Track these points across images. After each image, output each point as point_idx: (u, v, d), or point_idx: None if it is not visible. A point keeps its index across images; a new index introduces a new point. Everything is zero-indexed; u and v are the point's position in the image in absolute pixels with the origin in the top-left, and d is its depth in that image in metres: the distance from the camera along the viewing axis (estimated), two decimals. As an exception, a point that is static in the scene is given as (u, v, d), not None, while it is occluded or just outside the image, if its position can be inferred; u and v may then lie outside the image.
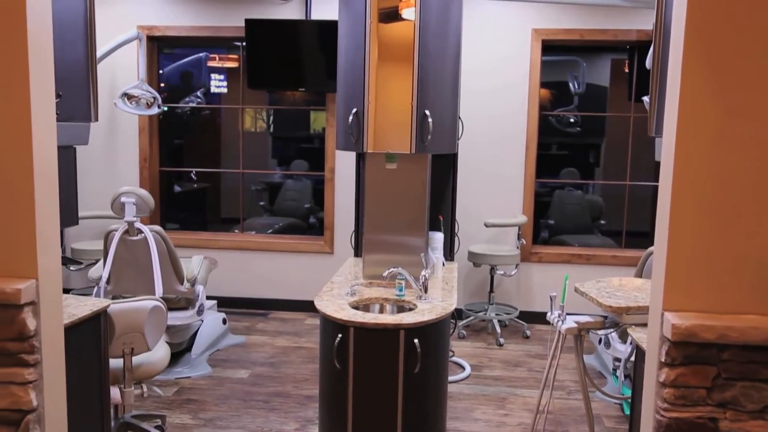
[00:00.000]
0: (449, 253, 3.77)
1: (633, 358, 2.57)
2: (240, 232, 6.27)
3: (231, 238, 6.00)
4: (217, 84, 6.50)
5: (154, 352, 3.14)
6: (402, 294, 2.99)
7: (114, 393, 2.95)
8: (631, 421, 2.54)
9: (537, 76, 5.50)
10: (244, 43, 5.75)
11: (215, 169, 6.89)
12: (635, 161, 5.74)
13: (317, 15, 5.56)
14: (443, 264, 3.55)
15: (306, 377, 4.38)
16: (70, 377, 2.22)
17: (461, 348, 5.02)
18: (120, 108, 5.30)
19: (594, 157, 6.57)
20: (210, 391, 4.11)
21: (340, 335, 2.66)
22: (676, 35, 1.87)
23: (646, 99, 3.81)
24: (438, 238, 3.50)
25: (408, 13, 3.04)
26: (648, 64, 3.15)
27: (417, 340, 2.63)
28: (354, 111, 3.09)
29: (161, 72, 6.19)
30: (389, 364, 2.64)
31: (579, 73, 6.08)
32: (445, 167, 3.78)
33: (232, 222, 6.57)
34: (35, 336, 1.98)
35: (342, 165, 5.74)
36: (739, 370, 1.81)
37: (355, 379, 2.67)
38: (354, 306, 2.88)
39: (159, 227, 4.12)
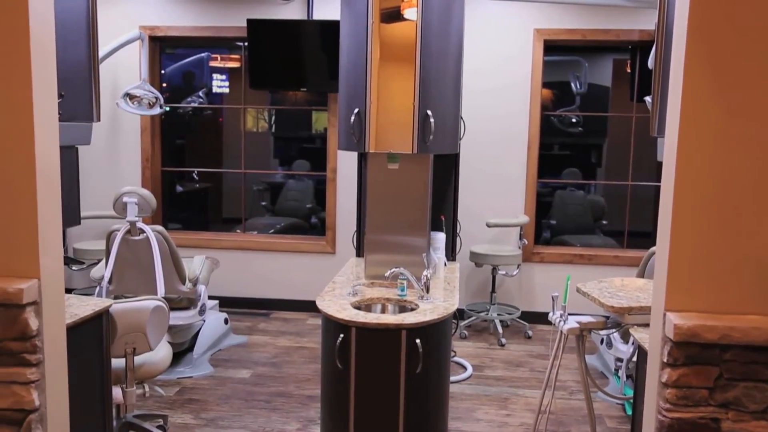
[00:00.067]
0: (451, 253, 3.77)
1: (635, 358, 2.57)
2: (242, 232, 6.28)
3: (233, 238, 6.00)
4: (219, 84, 6.50)
5: (156, 351, 3.14)
6: (404, 294, 2.99)
7: (116, 393, 2.96)
8: (633, 422, 2.54)
9: (539, 76, 5.49)
10: (245, 43, 5.76)
11: (217, 169, 6.90)
12: (637, 161, 5.74)
13: (319, 15, 5.56)
14: (445, 264, 3.54)
15: (308, 377, 4.38)
16: (72, 377, 2.22)
17: (463, 348, 5.02)
18: (122, 108, 5.30)
19: (596, 158, 6.57)
20: (212, 391, 4.11)
21: (341, 335, 2.66)
22: (678, 35, 1.87)
23: (648, 99, 3.81)
24: (440, 238, 3.50)
25: (410, 13, 3.04)
26: (650, 64, 3.14)
27: (419, 340, 2.63)
28: (356, 111, 3.09)
29: (163, 72, 6.19)
30: (391, 364, 2.64)
31: (581, 73, 6.08)
32: (447, 167, 3.78)
33: (233, 222, 6.57)
34: (37, 336, 1.98)
35: (344, 165, 5.75)
36: (742, 370, 1.81)
37: (357, 379, 2.66)
38: (356, 306, 2.88)
39: (161, 227, 4.13)
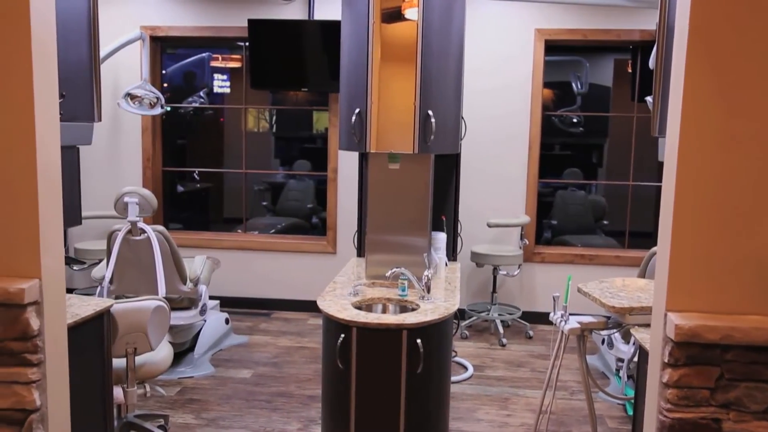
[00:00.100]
0: (452, 254, 3.77)
1: (636, 358, 2.57)
2: (243, 232, 6.28)
3: (234, 238, 6.00)
4: (220, 84, 6.51)
5: (157, 351, 3.14)
6: (405, 294, 2.99)
7: (117, 393, 2.96)
8: (634, 422, 2.54)
9: (540, 76, 5.49)
10: (247, 44, 5.77)
11: (218, 169, 6.90)
12: (638, 161, 5.74)
13: (320, 15, 5.56)
14: (446, 264, 3.54)
15: (309, 377, 4.38)
16: (73, 377, 2.22)
17: (464, 348, 5.01)
18: (123, 108, 5.30)
19: (597, 158, 6.57)
20: (213, 391, 4.11)
21: (342, 335, 2.66)
22: (679, 35, 1.87)
23: (649, 99, 3.81)
24: (441, 238, 3.50)
25: (411, 13, 3.03)
26: (651, 64, 3.14)
27: (420, 340, 2.63)
28: (357, 111, 3.09)
29: (164, 72, 6.19)
30: (392, 364, 2.64)
31: (582, 73, 6.08)
32: (448, 167, 3.78)
33: (234, 222, 6.57)
34: (38, 336, 1.98)
35: (345, 165, 5.75)
36: (743, 370, 1.81)
37: (358, 379, 2.66)
38: (357, 306, 2.88)
39: (162, 227, 4.13)
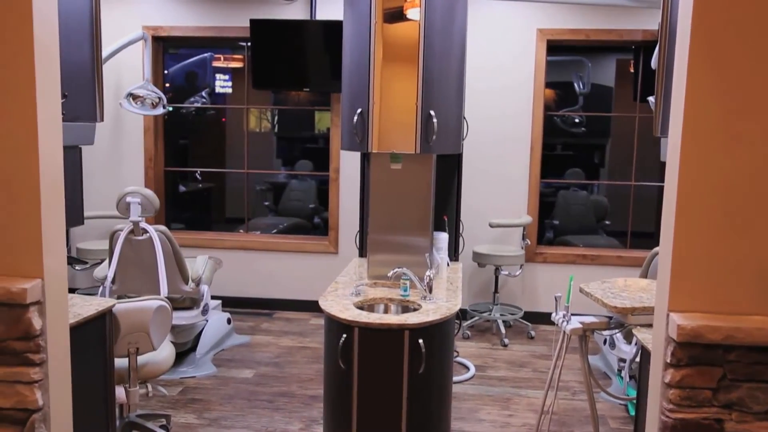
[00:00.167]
0: (454, 254, 3.77)
1: (638, 358, 2.57)
2: (245, 232, 6.28)
3: (236, 238, 6.01)
4: (222, 84, 6.51)
5: (159, 351, 3.14)
6: (407, 294, 2.99)
7: (119, 392, 2.96)
8: (636, 422, 2.54)
9: (542, 76, 5.49)
10: (248, 44, 5.77)
11: (220, 169, 6.90)
12: (640, 161, 5.73)
13: (322, 15, 5.56)
14: (448, 264, 3.54)
15: (310, 377, 4.38)
16: (75, 377, 2.22)
17: (466, 348, 5.01)
18: (125, 108, 5.31)
19: (599, 158, 6.56)
20: (215, 391, 4.12)
21: (344, 335, 2.66)
22: (681, 35, 1.86)
23: (651, 99, 3.80)
24: (443, 238, 3.50)
25: (413, 14, 3.03)
26: (653, 64, 3.14)
27: (421, 340, 2.63)
28: (359, 111, 3.09)
29: (166, 72, 6.20)
30: (394, 364, 2.64)
31: (584, 74, 6.07)
32: (450, 167, 3.78)
33: (236, 222, 6.58)
34: (41, 335, 1.98)
35: (347, 165, 5.75)
36: (745, 371, 1.80)
37: (360, 379, 2.66)
38: (359, 306, 2.88)
39: (164, 227, 4.13)
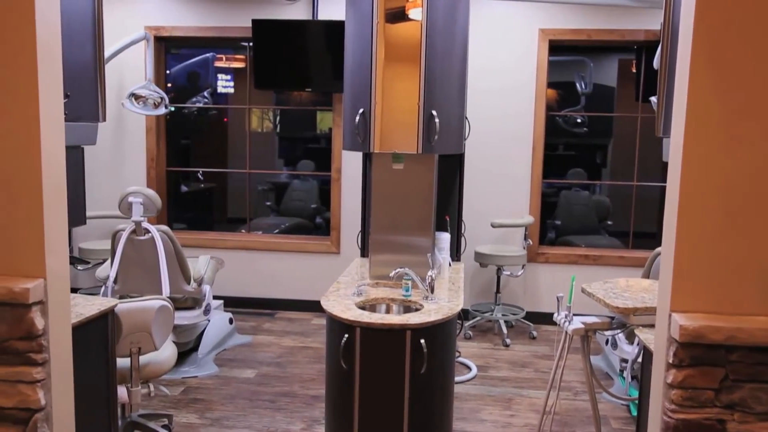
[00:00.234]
0: (456, 254, 3.77)
1: (640, 359, 2.56)
2: (247, 232, 6.28)
3: (238, 238, 6.01)
4: (224, 84, 6.51)
5: (161, 351, 3.15)
6: (408, 294, 2.99)
7: (121, 392, 2.97)
8: (639, 423, 2.53)
9: (544, 76, 5.49)
10: (250, 44, 5.77)
11: (222, 169, 6.91)
12: (642, 162, 5.73)
13: (324, 15, 5.56)
14: (450, 264, 3.54)
15: (312, 377, 4.38)
16: (77, 376, 2.23)
17: (468, 348, 5.01)
18: (127, 108, 5.31)
19: (601, 158, 6.56)
20: (216, 391, 4.12)
21: (346, 335, 2.66)
22: (684, 35, 1.86)
23: (653, 99, 3.80)
24: (445, 238, 3.50)
25: (415, 14, 3.03)
26: (656, 64, 3.13)
27: (423, 340, 2.63)
28: (361, 111, 3.09)
29: (168, 72, 6.21)
30: (396, 364, 2.64)
31: (586, 74, 6.07)
32: (452, 167, 3.78)
33: (238, 222, 6.58)
34: (43, 335, 1.99)
35: (348, 165, 5.75)
36: (748, 371, 1.80)
37: (362, 380, 2.67)
38: (360, 306, 2.88)
39: (166, 227, 4.14)
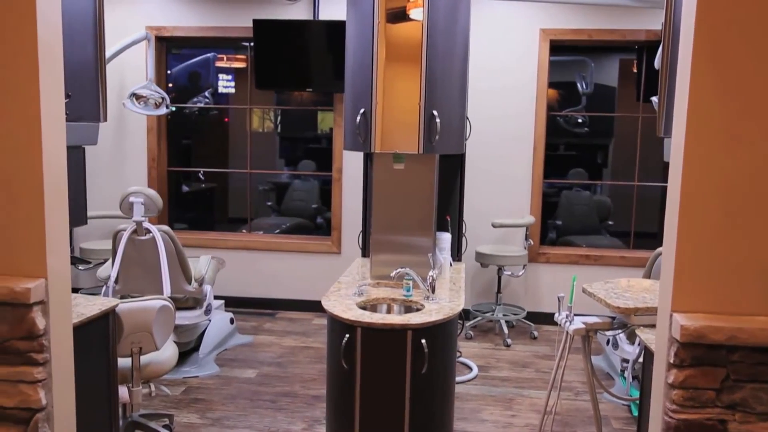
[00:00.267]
0: (457, 254, 3.77)
1: (641, 359, 2.56)
2: (247, 232, 6.28)
3: (238, 238, 6.01)
4: (225, 84, 6.51)
5: (162, 351, 3.15)
6: (409, 294, 2.99)
7: (122, 392, 2.97)
8: (640, 423, 2.53)
9: (545, 76, 5.48)
10: (251, 44, 5.77)
11: (223, 169, 6.91)
12: (643, 162, 5.72)
13: (325, 15, 5.56)
14: (451, 264, 3.54)
15: (313, 377, 4.38)
16: (78, 376, 2.23)
17: (468, 348, 5.01)
18: (128, 108, 5.32)
19: (602, 158, 6.55)
20: (217, 391, 4.12)
21: (347, 335, 2.66)
22: (685, 35, 1.86)
23: (654, 99, 3.80)
24: (445, 238, 3.50)
25: (416, 14, 3.03)
26: (657, 64, 3.13)
27: (424, 340, 2.63)
28: (362, 111, 3.09)
29: (169, 72, 6.21)
30: (396, 364, 2.64)
31: (587, 74, 6.06)
32: (453, 167, 3.78)
33: (239, 222, 6.58)
34: (44, 335, 1.99)
35: (349, 165, 5.75)
36: (749, 371, 1.80)
37: (363, 379, 2.67)
38: (361, 306, 2.88)
39: (167, 227, 4.14)
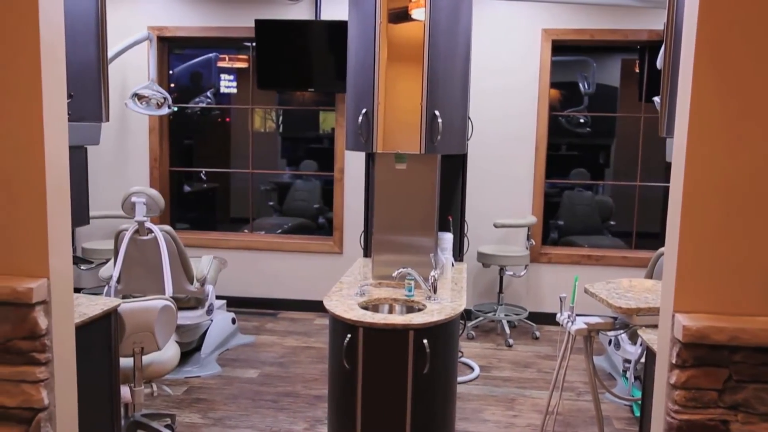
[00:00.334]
0: (458, 254, 3.77)
1: (643, 359, 2.56)
2: (249, 232, 6.29)
3: (240, 238, 6.02)
4: (227, 84, 6.52)
5: (164, 351, 3.15)
6: (411, 294, 2.99)
7: (124, 392, 2.97)
8: (642, 423, 2.53)
9: (547, 76, 5.48)
10: (253, 44, 5.77)
11: (225, 169, 6.91)
12: (645, 162, 5.72)
13: (327, 15, 5.56)
14: (452, 264, 3.54)
15: (315, 377, 4.38)
16: (80, 376, 2.23)
17: (470, 349, 5.01)
18: (130, 108, 5.32)
19: (604, 158, 6.55)
20: (219, 391, 4.12)
21: (349, 335, 2.66)
22: (687, 35, 1.86)
23: (656, 99, 3.79)
24: (447, 238, 3.49)
25: (417, 14, 3.03)
26: (659, 64, 3.13)
27: (426, 340, 2.63)
28: (363, 111, 3.09)
29: (171, 72, 6.21)
30: (398, 364, 2.64)
31: (589, 74, 6.06)
32: (455, 168, 3.78)
33: (241, 222, 6.58)
34: (47, 335, 1.99)
35: (351, 165, 5.75)
36: (751, 372, 1.80)
37: (364, 380, 2.67)
38: (363, 306, 2.88)
39: (169, 227, 4.14)
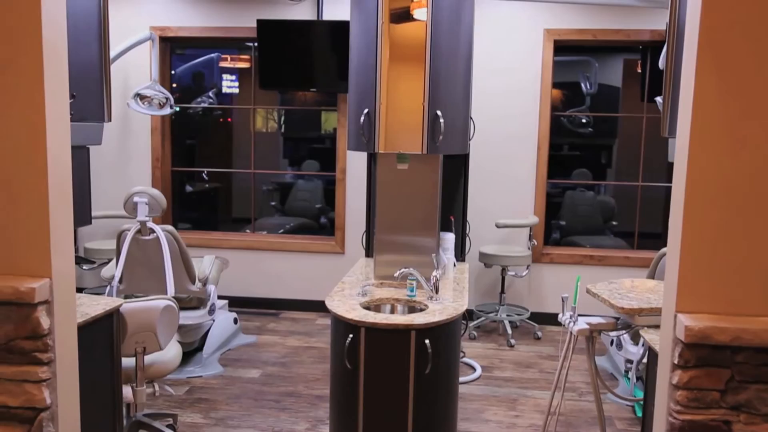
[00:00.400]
0: (460, 254, 3.77)
1: (645, 359, 2.56)
2: (251, 232, 6.29)
3: (242, 237, 6.02)
4: (229, 84, 6.52)
5: (166, 351, 3.15)
6: (413, 294, 2.99)
7: (126, 392, 2.97)
8: (644, 424, 2.53)
9: (549, 76, 5.48)
10: (255, 44, 5.78)
11: (227, 169, 6.91)
12: (647, 162, 5.71)
13: (329, 15, 5.57)
14: (454, 265, 3.54)
15: (317, 377, 4.38)
16: (83, 376, 2.23)
17: (472, 349, 5.01)
18: (133, 108, 5.33)
19: (606, 158, 6.54)
20: (221, 391, 4.13)
21: (351, 335, 2.66)
22: (689, 35, 1.86)
23: (659, 99, 3.79)
24: (449, 238, 3.49)
25: (419, 14, 3.03)
26: (661, 64, 3.13)
27: (428, 340, 2.63)
28: (365, 111, 3.09)
29: (173, 72, 6.22)
30: (400, 364, 2.64)
31: (591, 74, 6.05)
32: (457, 168, 3.77)
33: (243, 222, 6.59)
34: (49, 334, 1.99)
35: (353, 165, 5.75)
36: (754, 372, 1.80)
37: (366, 380, 2.67)
38: (365, 306, 2.88)
39: (171, 227, 4.14)
